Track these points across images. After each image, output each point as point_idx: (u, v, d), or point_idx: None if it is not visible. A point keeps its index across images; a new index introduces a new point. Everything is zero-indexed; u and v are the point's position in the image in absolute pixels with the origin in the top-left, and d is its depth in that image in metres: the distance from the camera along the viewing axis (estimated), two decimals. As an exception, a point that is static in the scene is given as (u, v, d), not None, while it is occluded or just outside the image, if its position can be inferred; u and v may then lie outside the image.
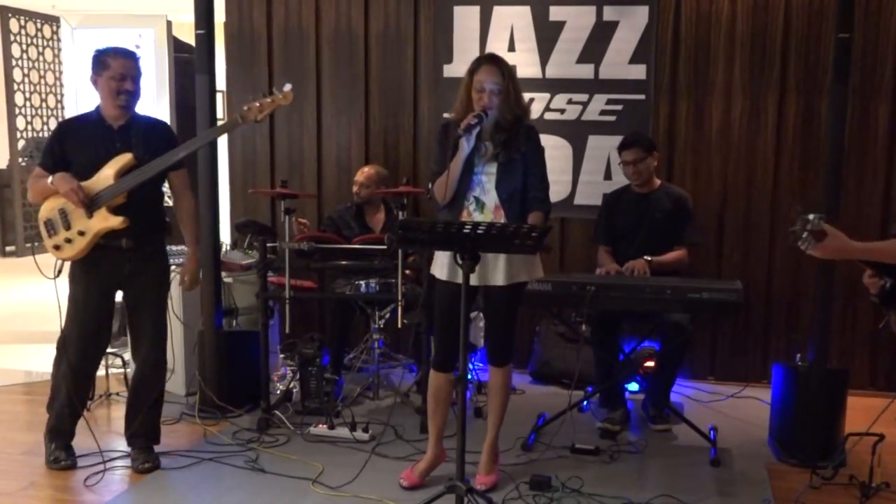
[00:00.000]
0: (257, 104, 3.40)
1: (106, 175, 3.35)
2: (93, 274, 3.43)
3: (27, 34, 5.95)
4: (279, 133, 5.43)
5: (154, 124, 3.56)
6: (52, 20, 5.98)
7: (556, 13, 4.90)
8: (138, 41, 5.38)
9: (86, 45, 5.41)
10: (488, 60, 3.22)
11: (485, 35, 4.99)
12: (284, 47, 5.34)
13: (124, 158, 3.36)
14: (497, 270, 3.24)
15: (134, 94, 3.43)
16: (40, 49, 7.20)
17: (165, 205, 3.70)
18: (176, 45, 5.42)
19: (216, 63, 4.26)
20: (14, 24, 6.02)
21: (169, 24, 5.27)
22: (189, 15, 4.28)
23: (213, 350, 4.26)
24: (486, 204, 3.25)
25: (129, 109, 3.44)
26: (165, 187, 3.66)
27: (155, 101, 5.27)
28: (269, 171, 5.43)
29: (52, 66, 7.33)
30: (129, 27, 5.39)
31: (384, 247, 4.16)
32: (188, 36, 6.17)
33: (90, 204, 3.34)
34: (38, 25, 6.41)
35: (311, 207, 5.37)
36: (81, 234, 3.37)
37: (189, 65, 4.57)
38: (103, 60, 3.38)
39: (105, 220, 3.35)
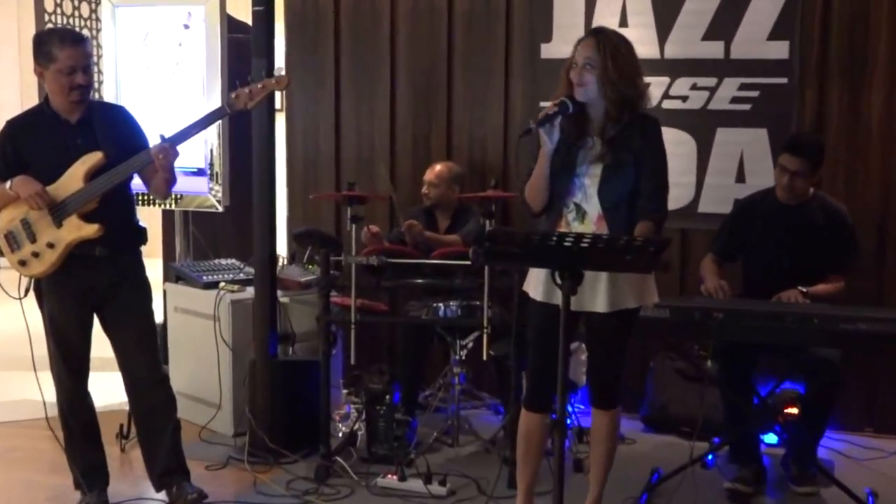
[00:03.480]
0: (247, 90, 3.49)
1: (74, 177, 3.40)
2: (66, 287, 3.50)
3: (63, 13, 6.16)
4: (346, 127, 5.52)
5: (114, 112, 3.65)
6: (92, -3, 6.25)
7: (679, -22, 4.87)
8: (187, 21, 5.49)
9: (129, 26, 5.57)
10: (588, 34, 3.24)
11: (591, 6, 4.99)
12: (354, 27, 5.44)
13: (94, 158, 3.42)
14: (597, 294, 3.20)
15: (88, 87, 3.49)
16: (79, 29, 7.47)
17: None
18: (230, 25, 5.51)
19: (275, 45, 4.33)
20: (49, 3, 6.24)
21: (223, 0, 5.38)
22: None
23: (266, 383, 4.30)
24: (587, 213, 3.24)
25: (85, 102, 3.50)
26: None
27: (206, 91, 5.37)
28: (335, 172, 5.53)
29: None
30: (177, 4, 5.50)
31: (467, 262, 4.14)
32: (244, 14, 6.28)
33: (58, 211, 3.39)
34: (76, 3, 6.63)
35: (382, 214, 5.41)
36: (50, 246, 3.42)
37: (244, 47, 4.63)
38: (48, 51, 3.40)
39: (78, 230, 3.41)
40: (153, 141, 3.53)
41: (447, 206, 4.92)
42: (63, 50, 3.37)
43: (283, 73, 3.56)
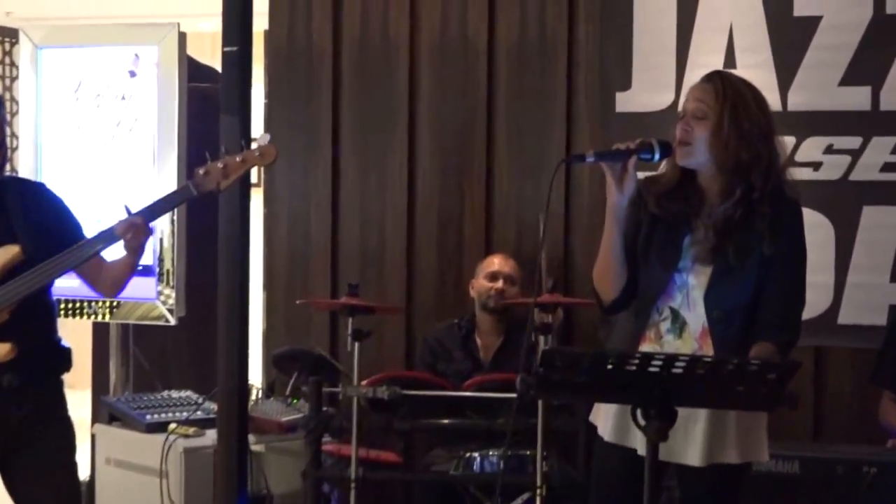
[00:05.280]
0: (220, 165, 3.51)
1: None
2: None
3: (-32, 54, 6.29)
4: (347, 209, 5.57)
5: (33, 191, 3.70)
6: (8, 34, 6.32)
7: (804, 3, 4.88)
8: (134, 66, 5.58)
9: (56, 73, 5.63)
10: (703, 78, 3.26)
11: (685, 41, 5.01)
12: (359, 69, 5.53)
13: (7, 254, 3.45)
14: (691, 439, 3.15)
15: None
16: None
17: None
18: (192, 71, 5.59)
19: (252, 96, 4.39)
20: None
21: (182, 36, 5.46)
22: (210, 21, 4.44)
23: (233, 565, 4.28)
24: (688, 324, 3.22)
25: None
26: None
27: (157, 160, 5.41)
28: (330, 271, 5.55)
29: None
30: (120, 44, 5.59)
31: (513, 395, 4.10)
32: (210, 55, 6.38)
33: None
34: (-13, 41, 6.76)
35: (396, 327, 5.43)
36: None
37: (211, 100, 4.70)
38: None
39: None
40: (88, 227, 3.57)
41: (499, 318, 4.99)
42: None
43: (269, 139, 3.58)
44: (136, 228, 3.45)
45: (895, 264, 4.80)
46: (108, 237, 3.48)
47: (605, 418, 3.28)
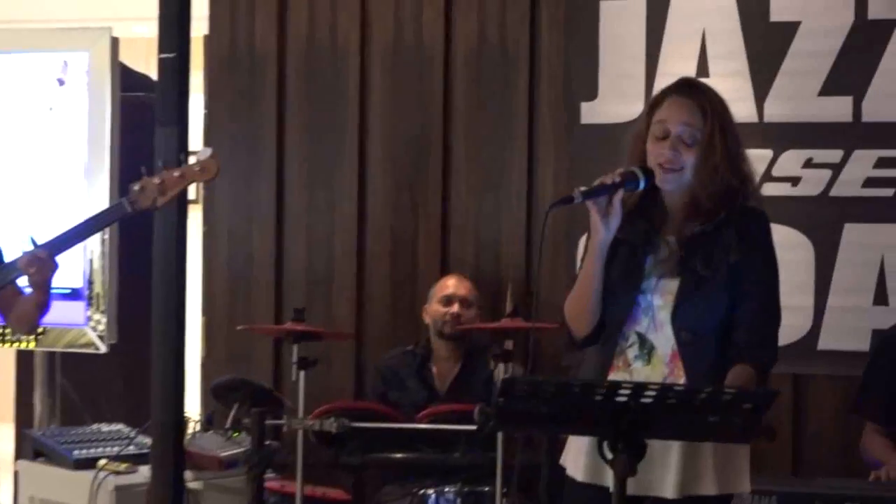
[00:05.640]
0: (156, 181, 3.50)
1: None
2: None
3: None
4: (292, 227, 5.56)
5: None
6: None
7: (782, 7, 4.89)
8: (62, 73, 5.53)
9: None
10: (681, 88, 3.26)
11: (655, 48, 5.04)
12: (307, 76, 5.53)
13: None
14: (666, 471, 3.12)
15: None
16: None
17: None
18: (125, 80, 5.55)
19: (190, 106, 4.38)
20: None
21: (114, 42, 5.42)
22: (145, 25, 4.40)
23: None
24: (656, 348, 3.22)
25: None
26: None
27: (88, 175, 5.37)
28: (274, 294, 5.53)
29: None
30: (47, 50, 5.55)
31: (473, 427, 4.08)
32: (145, 63, 6.33)
33: None
34: None
35: (345, 355, 5.40)
36: None
37: (146, 110, 4.66)
38: None
39: None
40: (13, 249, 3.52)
41: (456, 344, 4.98)
42: None
43: (210, 153, 3.55)
44: (39, 263, 3.42)
45: (878, 286, 4.80)
46: (11, 269, 3.44)
47: (575, 458, 3.26)
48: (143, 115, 4.91)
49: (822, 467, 4.79)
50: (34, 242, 3.44)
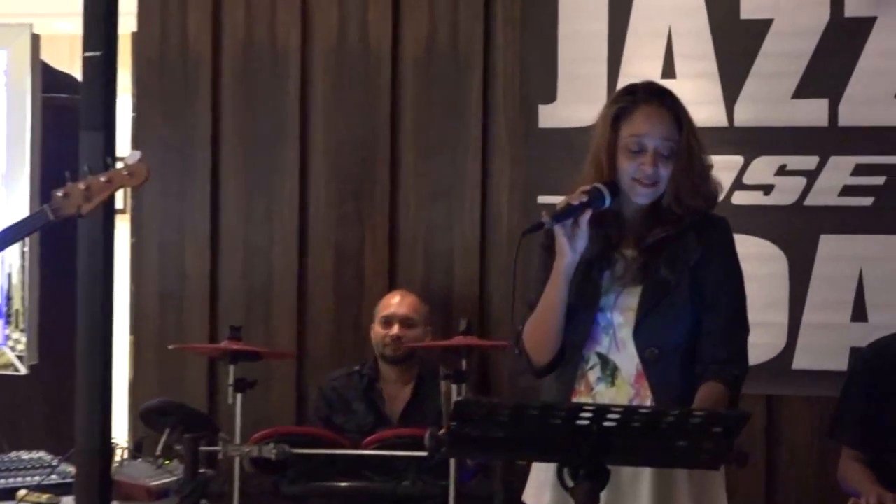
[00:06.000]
0: (82, 186, 3.51)
1: None
2: None
3: None
4: (228, 240, 5.55)
5: None
6: None
7: (753, 4, 4.92)
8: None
9: None
10: (650, 97, 3.26)
11: (617, 47, 5.04)
12: (244, 77, 5.51)
13: None
14: (637, 501, 3.13)
15: None
16: None
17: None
18: (47, 79, 5.52)
19: (118, 108, 4.32)
20: None
21: (35, 39, 5.39)
22: (68, 21, 4.36)
23: None
24: (619, 368, 3.22)
25: None
26: None
27: (6, 181, 5.34)
28: (209, 311, 5.52)
29: None
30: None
31: (423, 453, 4.05)
32: (68, 61, 6.28)
33: None
34: None
35: (286, 376, 5.39)
36: None
37: (69, 112, 4.62)
38: None
39: None
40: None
41: (407, 366, 4.97)
42: None
43: (139, 156, 3.55)
44: None
45: (856, 301, 4.82)
46: None
47: (539, 492, 3.25)
48: (66, 118, 4.89)
49: (798, 494, 4.85)
50: None
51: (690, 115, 3.22)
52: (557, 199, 3.22)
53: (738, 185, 4.88)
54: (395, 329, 4.87)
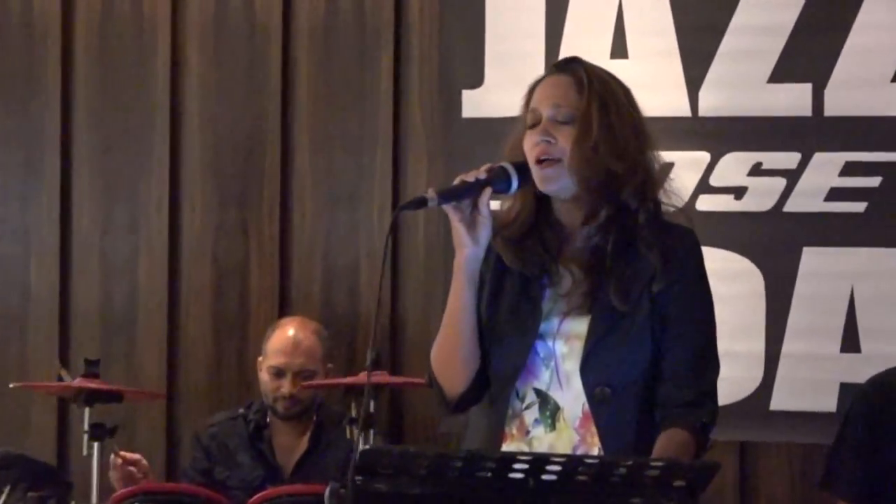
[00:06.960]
0: None
1: None
2: None
3: None
4: (83, 253, 5.53)
5: None
6: None
7: (722, -30, 4.87)
8: None
9: None
10: (555, 67, 3.28)
11: (557, 22, 5.07)
12: (102, 55, 5.50)
13: None
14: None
15: None
16: None
17: None
18: None
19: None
20: None
21: None
22: None
23: None
24: (562, 408, 3.15)
25: None
26: None
27: None
28: (59, 340, 5.50)
29: None
30: None
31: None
32: None
33: None
34: None
35: (154, 420, 5.41)
36: None
37: None
38: None
39: None
40: None
41: (310, 411, 4.97)
42: None
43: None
44: None
45: (847, 327, 4.84)
46: None
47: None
48: None
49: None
50: None
51: (607, 81, 3.18)
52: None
53: (704, 187, 4.89)
54: (286, 386, 4.90)
